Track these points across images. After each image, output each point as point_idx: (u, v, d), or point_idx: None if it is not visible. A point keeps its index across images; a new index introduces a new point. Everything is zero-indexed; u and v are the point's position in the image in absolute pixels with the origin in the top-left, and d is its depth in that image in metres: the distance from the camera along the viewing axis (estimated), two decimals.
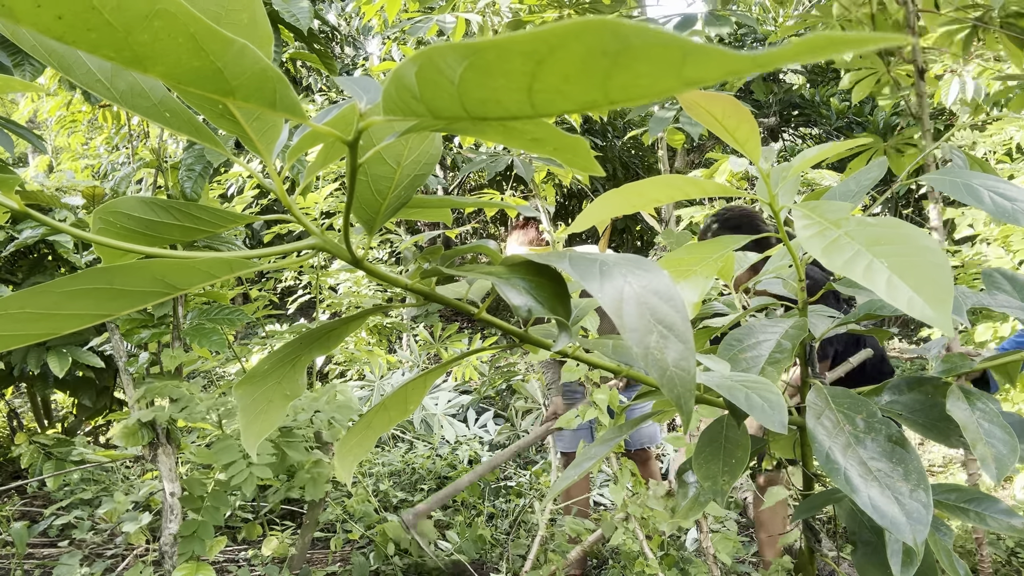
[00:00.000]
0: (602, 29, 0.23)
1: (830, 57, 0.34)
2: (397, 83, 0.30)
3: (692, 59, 0.23)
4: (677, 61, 0.23)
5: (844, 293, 0.82)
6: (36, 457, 3.23)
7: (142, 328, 2.29)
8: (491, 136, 0.39)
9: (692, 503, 0.85)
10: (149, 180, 2.43)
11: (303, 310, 6.54)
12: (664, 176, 0.67)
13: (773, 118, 8.41)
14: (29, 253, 3.39)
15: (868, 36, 0.22)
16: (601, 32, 0.23)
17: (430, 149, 0.49)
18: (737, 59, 0.23)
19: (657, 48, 0.23)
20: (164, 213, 0.50)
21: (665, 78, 0.24)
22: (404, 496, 3.75)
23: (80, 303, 0.39)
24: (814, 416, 0.70)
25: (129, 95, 0.41)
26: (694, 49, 0.23)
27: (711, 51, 0.23)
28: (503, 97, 0.27)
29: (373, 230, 0.50)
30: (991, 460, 0.71)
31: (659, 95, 0.25)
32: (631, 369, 0.66)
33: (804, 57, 0.23)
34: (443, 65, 0.27)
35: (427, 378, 0.66)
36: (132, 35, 0.28)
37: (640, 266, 0.43)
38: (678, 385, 0.38)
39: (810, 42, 0.22)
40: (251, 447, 0.58)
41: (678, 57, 0.23)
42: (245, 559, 3.10)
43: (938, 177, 0.83)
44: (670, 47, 0.23)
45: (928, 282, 0.47)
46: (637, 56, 0.24)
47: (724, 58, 0.23)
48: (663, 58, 0.24)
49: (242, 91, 0.32)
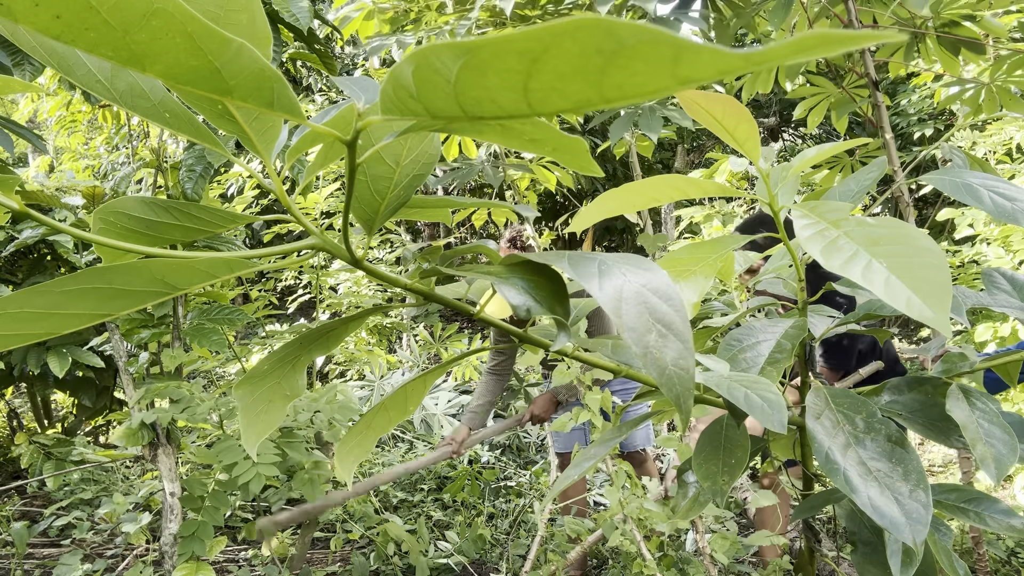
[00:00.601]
0: (596, 27, 0.23)
1: (820, 56, 0.34)
2: (395, 82, 0.30)
3: (686, 57, 0.23)
4: (671, 59, 0.23)
5: (844, 293, 0.82)
6: (36, 457, 3.23)
7: (142, 328, 2.29)
8: (489, 136, 0.39)
9: (692, 503, 0.85)
10: (149, 180, 2.43)
11: (303, 310, 6.55)
12: (664, 176, 0.67)
13: (773, 118, 8.41)
14: (29, 253, 3.39)
15: (860, 34, 0.22)
16: (595, 30, 0.23)
17: (429, 149, 0.49)
18: (729, 57, 0.23)
19: (651, 46, 0.23)
20: (164, 213, 0.50)
21: (659, 76, 0.24)
22: (404, 496, 3.75)
23: (80, 303, 0.39)
24: (813, 416, 0.70)
25: (129, 95, 0.41)
26: (687, 48, 0.23)
27: (704, 49, 0.23)
28: (499, 96, 0.27)
29: (372, 230, 0.50)
30: (991, 460, 0.71)
31: (654, 93, 0.25)
32: (629, 368, 0.66)
33: (796, 56, 0.23)
34: (439, 64, 0.27)
35: (427, 378, 0.66)
36: (130, 34, 0.28)
37: (639, 265, 0.43)
38: (677, 384, 0.38)
39: (801, 41, 0.22)
40: (251, 447, 0.58)
41: (671, 55, 0.23)
42: (245, 559, 3.10)
43: (938, 177, 0.83)
44: (663, 45, 0.23)
45: (926, 283, 0.47)
46: (631, 55, 0.24)
47: (717, 56, 0.23)
48: (657, 56, 0.23)
49: (240, 91, 0.32)
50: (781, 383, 0.79)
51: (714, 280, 0.75)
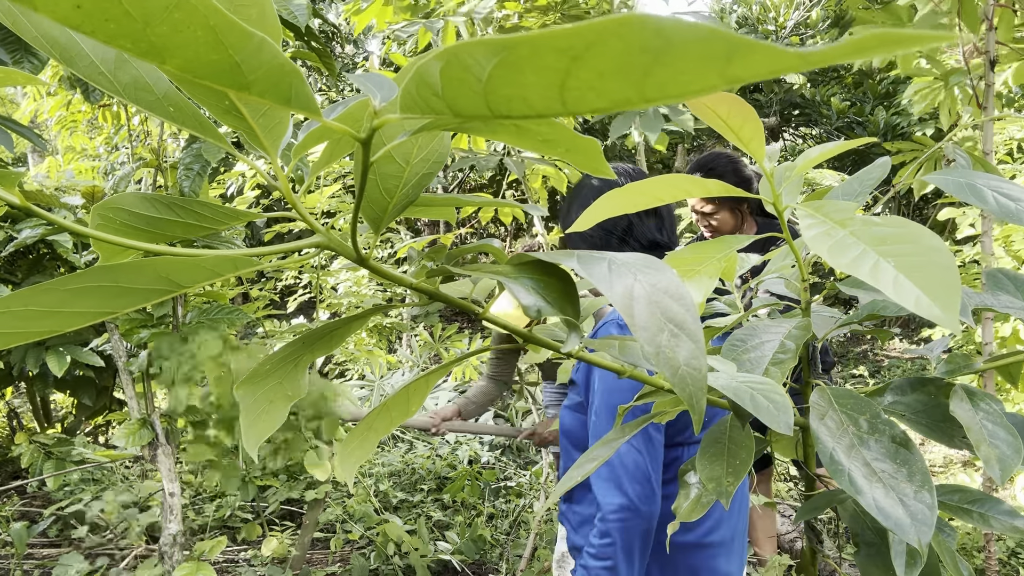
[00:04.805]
0: (644, 25, 0.23)
1: (881, 56, 0.33)
2: (419, 80, 0.29)
3: (738, 56, 0.23)
4: (722, 58, 0.23)
5: (846, 293, 0.81)
6: (36, 457, 3.22)
7: (142, 327, 2.28)
8: (503, 136, 0.38)
9: (694, 504, 0.85)
10: (148, 180, 2.43)
11: (303, 309, 6.54)
12: (667, 176, 0.67)
13: (774, 118, 8.42)
14: (28, 253, 3.38)
15: (918, 34, 0.21)
16: (643, 28, 0.23)
17: (439, 148, 0.48)
18: (786, 56, 0.22)
19: (702, 44, 0.23)
20: (164, 209, 0.50)
21: (708, 75, 0.24)
22: (404, 496, 3.75)
23: (84, 301, 0.39)
24: (817, 417, 0.70)
25: (132, 88, 0.40)
26: (741, 45, 0.22)
27: (759, 47, 0.22)
28: (532, 94, 0.26)
29: (379, 229, 0.50)
30: (995, 461, 0.71)
31: (698, 92, 0.25)
32: (635, 369, 0.65)
33: (854, 56, 0.23)
34: (471, 62, 0.26)
35: (429, 379, 0.66)
36: (151, 26, 0.28)
37: (649, 265, 0.43)
38: (690, 384, 0.38)
39: (861, 41, 0.22)
40: (252, 448, 0.57)
41: (723, 54, 0.23)
42: (245, 559, 3.10)
43: (941, 177, 0.83)
44: (715, 43, 0.22)
45: (935, 282, 0.47)
46: (679, 53, 0.23)
47: (772, 55, 0.22)
48: (707, 55, 0.23)
49: (258, 86, 0.31)
50: (784, 384, 0.79)
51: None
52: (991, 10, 1.85)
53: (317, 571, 2.82)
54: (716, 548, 1.29)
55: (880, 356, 6.88)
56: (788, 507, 3.33)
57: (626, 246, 1.40)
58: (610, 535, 1.19)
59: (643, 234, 1.41)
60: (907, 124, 8.04)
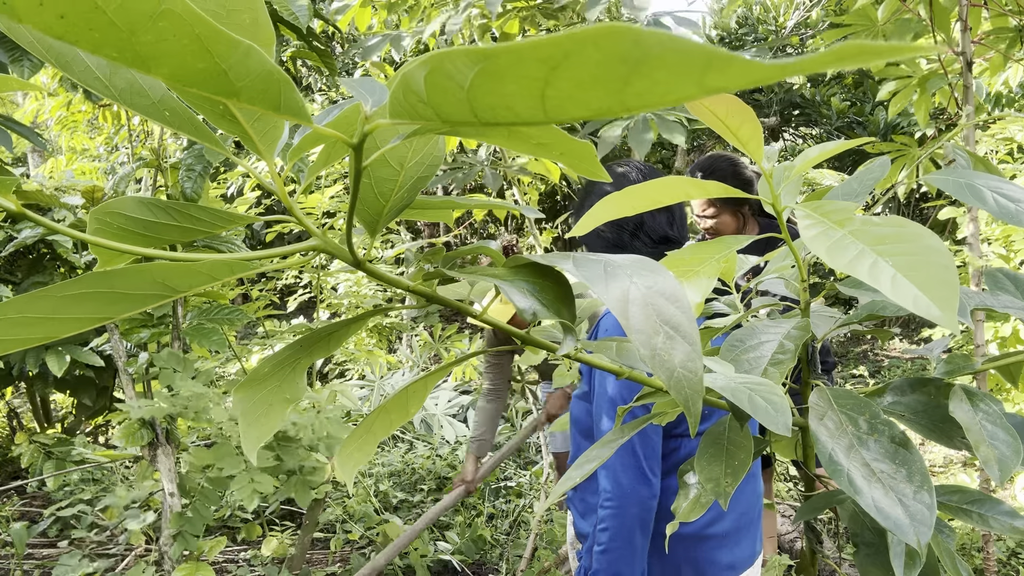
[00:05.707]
0: (623, 35, 0.23)
1: (857, 67, 0.33)
2: (405, 87, 0.29)
3: (715, 67, 0.23)
4: (699, 69, 0.23)
5: (846, 293, 0.81)
6: (36, 457, 3.23)
7: (142, 328, 2.28)
8: (496, 140, 0.38)
9: (693, 504, 0.85)
10: (149, 180, 2.43)
11: (303, 309, 6.54)
12: (667, 178, 0.67)
13: (774, 118, 8.40)
14: (28, 252, 3.38)
15: (899, 46, 0.22)
16: (621, 38, 0.23)
17: (434, 151, 0.48)
18: (761, 68, 0.22)
19: (679, 55, 0.23)
20: (162, 213, 0.49)
21: (685, 86, 0.24)
22: (404, 496, 3.75)
23: (80, 307, 0.38)
24: (816, 417, 0.70)
25: (128, 93, 0.40)
26: (717, 57, 0.22)
27: (735, 60, 0.22)
28: (514, 103, 0.26)
29: (375, 232, 0.50)
30: (994, 462, 0.71)
31: (677, 102, 0.25)
32: (632, 371, 0.65)
33: (833, 66, 0.23)
34: (453, 70, 0.26)
35: (428, 380, 0.66)
36: (136, 35, 0.28)
37: (645, 267, 0.43)
38: (686, 387, 0.38)
39: (840, 51, 0.22)
40: (250, 452, 0.57)
41: (700, 65, 0.23)
42: (245, 559, 3.10)
43: (941, 177, 0.83)
44: (692, 55, 0.23)
45: (934, 281, 0.46)
46: (657, 64, 0.23)
47: (748, 67, 0.22)
48: (684, 66, 0.23)
49: (246, 93, 0.31)
50: (784, 384, 0.79)
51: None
52: (965, 11, 1.84)
53: (317, 571, 2.82)
54: (717, 540, 1.29)
55: (880, 356, 6.88)
56: (788, 507, 3.33)
57: (637, 241, 1.41)
58: (605, 521, 1.21)
59: (654, 229, 1.42)
60: (907, 124, 8.03)
